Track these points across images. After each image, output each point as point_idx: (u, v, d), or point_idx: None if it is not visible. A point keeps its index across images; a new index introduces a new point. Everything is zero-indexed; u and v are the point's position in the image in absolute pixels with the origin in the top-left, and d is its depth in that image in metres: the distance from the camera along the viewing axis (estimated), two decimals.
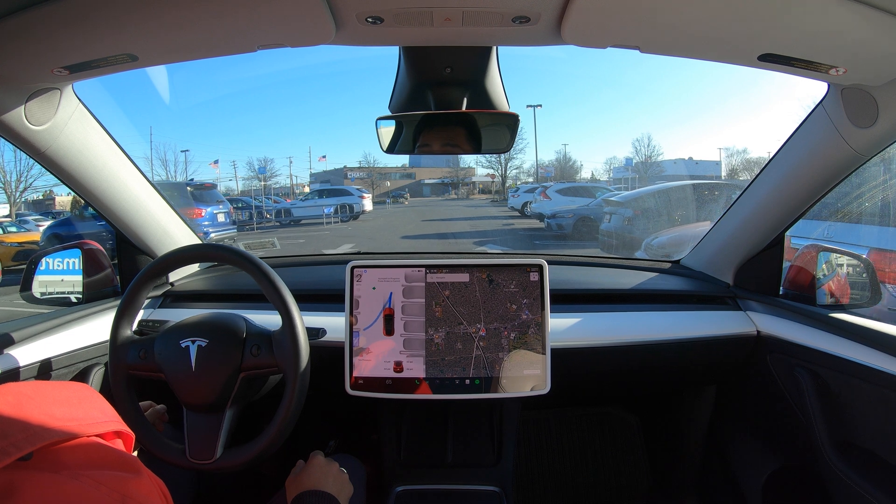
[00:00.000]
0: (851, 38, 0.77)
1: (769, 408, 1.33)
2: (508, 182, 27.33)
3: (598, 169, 29.54)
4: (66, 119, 1.00)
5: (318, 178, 28.95)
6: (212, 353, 0.93)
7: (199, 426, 0.94)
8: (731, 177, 23.96)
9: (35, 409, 0.40)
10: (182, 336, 0.94)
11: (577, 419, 1.81)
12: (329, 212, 15.55)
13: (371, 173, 29.56)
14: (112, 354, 0.97)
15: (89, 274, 1.26)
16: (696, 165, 25.54)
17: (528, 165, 28.74)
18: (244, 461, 0.91)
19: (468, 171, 30.28)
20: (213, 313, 1.01)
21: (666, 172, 23.89)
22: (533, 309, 1.10)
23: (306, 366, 0.93)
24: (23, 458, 0.36)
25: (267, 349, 0.94)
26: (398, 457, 1.31)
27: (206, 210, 9.04)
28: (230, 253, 0.98)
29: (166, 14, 0.74)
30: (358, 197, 16.74)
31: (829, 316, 1.13)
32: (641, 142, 27.31)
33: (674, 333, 1.28)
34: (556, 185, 14.22)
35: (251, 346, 0.95)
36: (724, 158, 25.87)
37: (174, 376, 0.93)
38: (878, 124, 0.93)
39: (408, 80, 1.06)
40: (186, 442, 0.93)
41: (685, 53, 0.87)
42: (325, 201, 16.18)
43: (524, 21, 0.78)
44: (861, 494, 0.99)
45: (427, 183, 30.38)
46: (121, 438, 0.47)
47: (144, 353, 0.96)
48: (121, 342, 0.97)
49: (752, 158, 25.48)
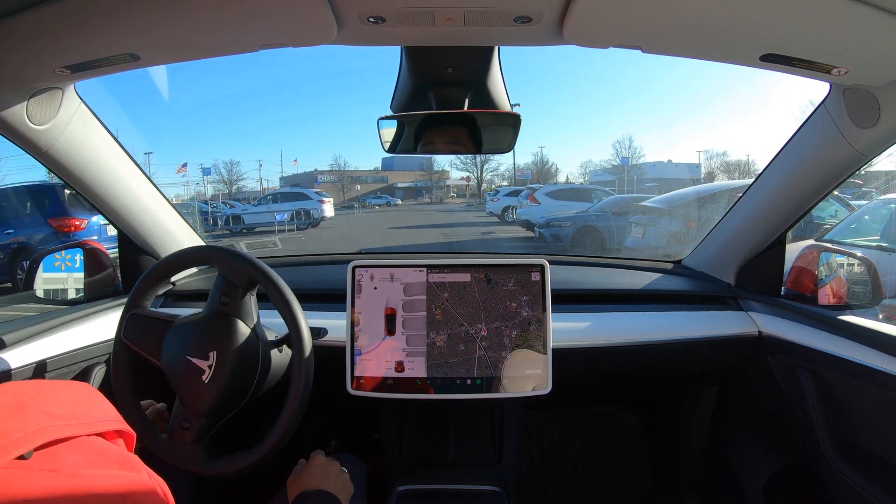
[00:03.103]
0: (854, 38, 0.77)
1: (770, 408, 1.32)
2: (484, 185, 26.34)
3: (573, 172, 28.89)
4: (68, 119, 1.00)
5: (289, 182, 27.66)
6: (224, 376, 0.91)
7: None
8: (708, 180, 23.89)
9: (35, 408, 0.40)
10: (192, 352, 0.91)
11: (578, 419, 1.81)
12: (283, 218, 13.45)
13: (342, 176, 28.43)
14: (116, 348, 0.96)
15: (91, 273, 1.27)
16: (675, 168, 25.38)
17: (505, 168, 28.01)
18: (245, 466, 0.91)
19: (442, 174, 29.33)
20: (230, 330, 0.95)
21: (647, 175, 23.63)
22: (533, 306, 1.10)
23: (310, 371, 0.93)
24: (22, 456, 0.36)
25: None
26: (400, 456, 1.31)
27: (90, 220, 6.82)
28: (238, 259, 0.97)
29: (169, 14, 0.74)
30: (317, 201, 14.84)
31: (830, 316, 1.12)
32: (623, 143, 26.68)
33: (675, 334, 1.28)
34: (547, 187, 12.62)
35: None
36: (704, 161, 25.80)
37: (181, 388, 0.92)
38: (881, 124, 0.93)
39: (409, 80, 1.06)
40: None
41: (687, 53, 0.87)
42: (279, 206, 14.28)
43: (526, 21, 0.78)
44: (862, 495, 0.99)
45: (400, 186, 29.44)
46: (122, 438, 0.47)
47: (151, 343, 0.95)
48: (144, 299, 0.98)
49: (731, 161, 25.53)
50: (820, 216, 4.84)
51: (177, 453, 0.93)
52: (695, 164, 25.59)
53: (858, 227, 4.43)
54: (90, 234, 6.72)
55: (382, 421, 1.33)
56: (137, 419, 0.94)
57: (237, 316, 0.94)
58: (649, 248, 5.29)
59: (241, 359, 0.92)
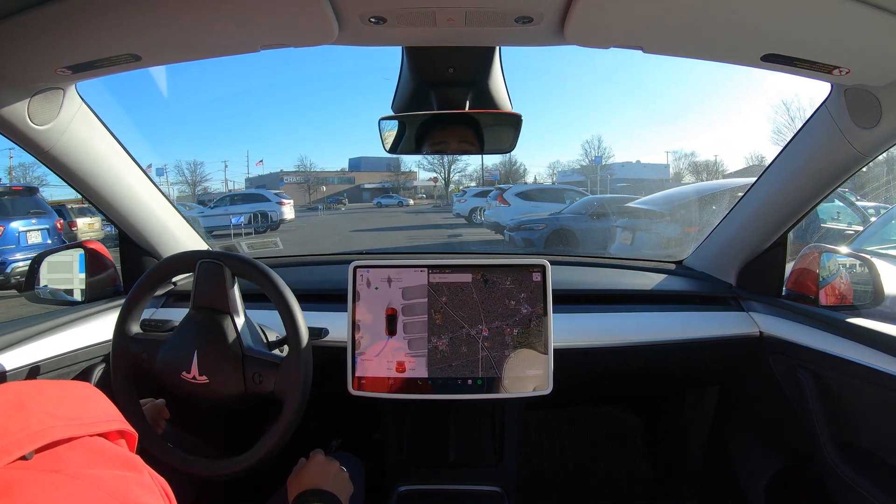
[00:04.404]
0: (855, 38, 0.77)
1: (771, 409, 1.32)
2: (451, 186, 25.96)
3: (541, 173, 28.68)
4: (70, 119, 1.00)
5: (254, 183, 27.37)
6: (210, 391, 0.94)
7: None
8: (676, 180, 23.81)
9: (37, 409, 0.40)
10: (184, 367, 0.94)
11: (579, 420, 1.81)
12: (239, 221, 12.72)
13: (308, 177, 28.14)
14: (115, 351, 0.97)
15: (92, 273, 1.27)
16: (644, 168, 25.38)
17: (473, 169, 27.78)
18: (244, 467, 0.92)
19: (409, 174, 29.30)
20: (214, 345, 0.96)
21: (616, 175, 23.55)
22: (531, 302, 1.10)
23: (309, 371, 0.94)
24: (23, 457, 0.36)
25: (270, 376, 0.95)
26: (400, 457, 1.31)
27: (7, 226, 6.07)
28: (253, 271, 0.98)
29: (170, 14, 0.74)
30: (276, 203, 14.29)
31: (831, 317, 1.12)
32: (592, 144, 26.57)
33: (676, 334, 1.28)
34: (518, 187, 11.89)
35: (254, 374, 0.95)
36: (672, 162, 25.85)
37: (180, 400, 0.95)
38: (882, 125, 0.93)
39: (410, 81, 1.06)
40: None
41: (688, 54, 0.87)
42: (237, 209, 13.58)
43: (527, 21, 0.78)
44: (863, 496, 0.99)
45: (367, 187, 29.39)
46: (124, 438, 0.47)
47: (147, 357, 0.97)
48: (125, 341, 0.98)
49: (700, 161, 25.66)
50: (827, 217, 4.31)
51: (176, 454, 0.93)
52: (663, 165, 25.72)
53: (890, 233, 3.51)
54: (7, 241, 6.06)
55: (383, 421, 1.33)
56: (136, 419, 0.94)
57: (226, 313, 0.97)
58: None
59: (225, 359, 0.95)
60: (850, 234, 4.26)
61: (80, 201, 10.71)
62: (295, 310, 0.95)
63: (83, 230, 9.55)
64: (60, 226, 7.06)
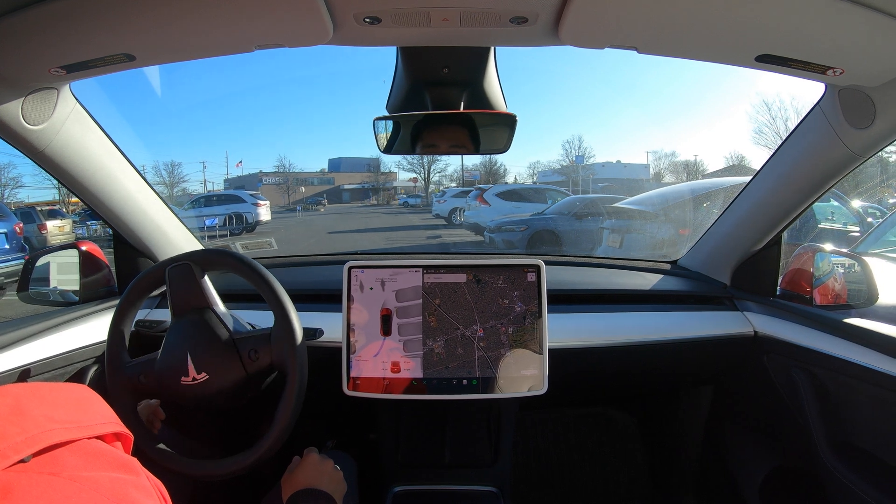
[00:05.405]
0: (849, 39, 0.78)
1: (766, 408, 1.33)
2: (431, 187, 25.58)
3: (521, 173, 28.22)
4: (63, 119, 0.99)
5: (234, 184, 26.83)
6: (213, 387, 0.93)
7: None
8: (657, 180, 23.77)
9: (35, 412, 0.40)
10: (181, 372, 0.94)
11: (574, 419, 1.81)
12: (213, 223, 12.35)
13: (287, 178, 27.70)
14: (111, 380, 0.96)
15: (86, 274, 1.26)
16: (624, 168, 25.28)
17: (453, 169, 27.42)
18: (242, 468, 0.92)
19: (389, 175, 28.94)
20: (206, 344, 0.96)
21: (598, 175, 23.44)
22: (525, 300, 1.10)
23: (305, 366, 0.93)
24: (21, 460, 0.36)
25: (265, 349, 0.94)
26: (396, 457, 1.31)
27: None
28: (225, 257, 0.99)
29: (164, 14, 0.73)
30: (251, 205, 13.84)
31: (825, 317, 1.13)
32: (573, 144, 26.39)
33: (671, 334, 1.28)
34: (498, 187, 11.61)
35: (248, 351, 0.94)
36: (652, 162, 25.79)
37: (172, 395, 0.94)
38: (875, 125, 0.93)
39: (405, 81, 1.06)
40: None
41: (683, 54, 0.87)
42: (211, 210, 13.17)
43: (522, 21, 0.78)
44: (858, 494, 1.00)
45: (347, 188, 29.08)
46: (120, 440, 0.47)
47: (145, 379, 0.96)
48: (119, 370, 0.97)
49: (679, 161, 25.58)
50: (822, 217, 4.25)
51: (171, 456, 0.93)
52: (643, 165, 25.72)
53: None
54: None
55: (379, 421, 1.33)
56: (131, 421, 0.94)
57: (205, 307, 0.97)
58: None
59: (217, 349, 0.94)
60: (844, 233, 4.31)
61: (49, 203, 10.46)
62: (269, 278, 0.95)
63: (53, 233, 9.42)
64: (20, 230, 6.88)
